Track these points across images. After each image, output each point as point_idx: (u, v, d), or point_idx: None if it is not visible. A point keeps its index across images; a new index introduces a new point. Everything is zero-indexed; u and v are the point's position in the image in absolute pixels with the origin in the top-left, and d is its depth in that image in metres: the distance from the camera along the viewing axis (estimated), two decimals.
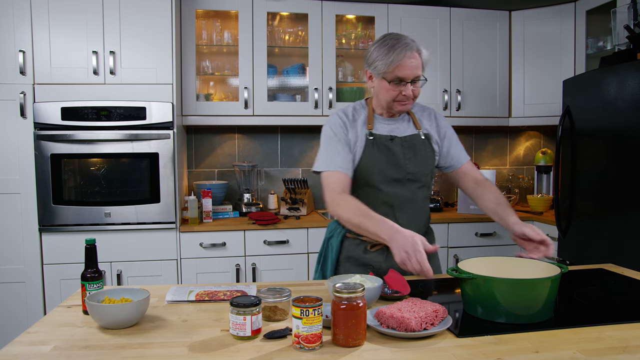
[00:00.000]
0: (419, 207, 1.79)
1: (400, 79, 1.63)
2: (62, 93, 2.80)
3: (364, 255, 1.77)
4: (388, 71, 1.63)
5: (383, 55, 1.62)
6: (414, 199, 1.76)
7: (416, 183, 1.76)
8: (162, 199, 2.89)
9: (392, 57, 1.60)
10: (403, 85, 1.64)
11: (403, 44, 1.61)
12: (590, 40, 3.26)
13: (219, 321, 1.30)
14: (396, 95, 1.66)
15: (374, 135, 1.74)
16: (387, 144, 1.72)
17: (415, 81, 1.65)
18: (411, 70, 1.62)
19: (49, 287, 2.83)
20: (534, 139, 4.00)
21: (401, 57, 1.60)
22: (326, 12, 3.31)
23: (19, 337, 1.20)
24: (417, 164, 1.74)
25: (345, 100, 3.41)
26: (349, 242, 1.81)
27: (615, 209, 2.52)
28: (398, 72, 1.62)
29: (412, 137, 1.76)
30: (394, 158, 1.72)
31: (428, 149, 1.78)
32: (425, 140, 1.78)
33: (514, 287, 1.25)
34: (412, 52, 1.62)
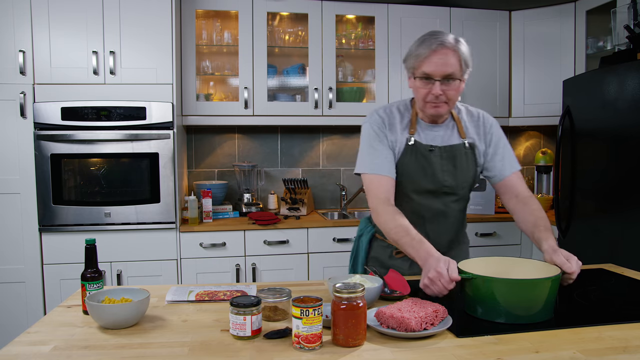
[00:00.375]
0: (451, 220, 1.70)
1: (427, 75, 1.51)
2: (62, 93, 2.80)
3: (388, 260, 1.76)
4: (416, 66, 1.53)
5: (414, 49, 1.53)
6: (446, 212, 1.68)
7: (452, 196, 1.67)
8: (162, 199, 2.89)
9: (420, 50, 1.50)
10: (431, 83, 1.51)
11: (435, 38, 1.49)
12: (590, 40, 3.26)
13: (219, 321, 1.30)
14: (425, 95, 1.53)
15: (415, 142, 1.62)
16: (425, 154, 1.62)
17: (447, 81, 1.51)
18: (438, 66, 1.48)
19: (49, 287, 2.83)
20: (534, 139, 4.00)
21: (428, 52, 1.48)
22: (326, 12, 3.31)
23: (19, 337, 1.20)
24: (455, 176, 1.63)
25: (345, 100, 3.41)
26: (377, 243, 1.80)
27: (615, 209, 2.52)
28: (425, 67, 1.50)
29: (454, 147, 1.64)
30: (431, 169, 1.62)
31: (470, 161, 1.66)
32: (469, 151, 1.66)
33: (514, 287, 1.24)
34: (444, 48, 1.48)
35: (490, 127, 1.71)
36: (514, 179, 1.69)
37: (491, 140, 1.70)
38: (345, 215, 3.52)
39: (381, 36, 3.38)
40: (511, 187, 1.69)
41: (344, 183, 3.71)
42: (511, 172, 1.69)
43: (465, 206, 1.76)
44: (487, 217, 3.28)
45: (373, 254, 1.80)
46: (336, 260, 3.08)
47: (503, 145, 1.71)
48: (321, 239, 3.08)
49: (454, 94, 1.54)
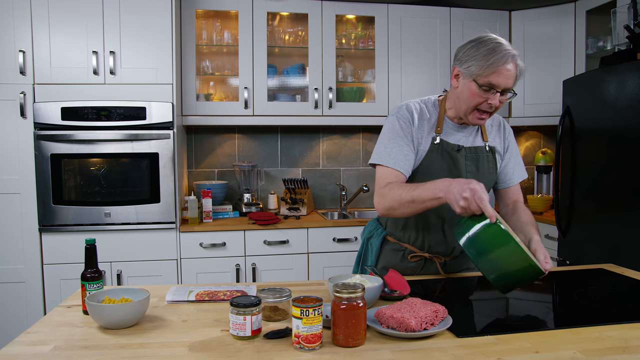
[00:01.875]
0: None
1: (492, 86, 1.50)
2: (62, 93, 2.80)
3: (401, 264, 1.72)
4: (483, 74, 1.49)
5: (482, 56, 1.48)
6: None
7: None
8: (162, 199, 2.89)
9: (492, 60, 1.47)
10: (492, 93, 1.51)
11: (506, 51, 1.48)
12: (590, 40, 3.26)
13: (219, 321, 1.30)
14: (481, 103, 1.53)
15: (442, 141, 1.62)
16: (452, 154, 1.62)
17: (504, 92, 1.52)
18: (506, 79, 1.48)
19: (49, 287, 2.83)
20: (534, 139, 4.00)
21: (501, 64, 1.47)
22: (326, 12, 3.31)
23: (19, 337, 1.20)
24: (478, 177, 1.62)
25: (345, 100, 3.41)
26: (389, 245, 1.75)
27: (615, 209, 2.52)
28: (493, 78, 1.48)
29: (477, 149, 1.66)
30: (457, 170, 1.62)
31: (491, 163, 1.68)
32: (490, 154, 1.68)
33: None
34: (513, 61, 1.49)
35: (509, 133, 1.75)
36: (516, 187, 1.75)
37: (508, 147, 1.73)
38: (345, 215, 3.52)
39: (381, 36, 3.38)
40: (512, 194, 1.75)
41: (344, 183, 3.71)
42: (517, 182, 1.75)
43: None
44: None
45: (384, 257, 1.75)
46: (336, 260, 3.08)
47: (515, 153, 1.75)
48: (321, 239, 3.08)
49: (502, 105, 1.55)
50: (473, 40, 1.54)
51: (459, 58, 1.56)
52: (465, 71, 1.53)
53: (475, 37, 1.54)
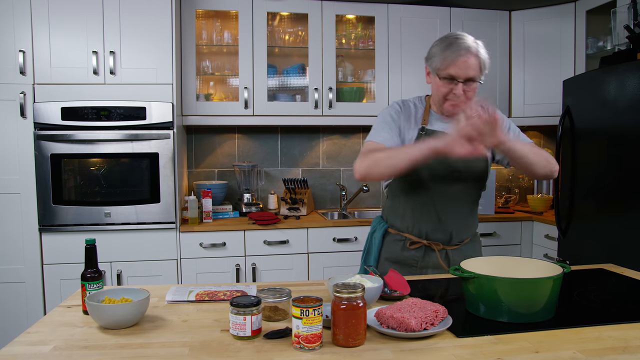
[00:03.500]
0: (463, 208, 1.77)
1: (452, 77, 1.62)
2: (62, 93, 2.80)
3: (402, 253, 1.78)
4: (442, 68, 1.63)
5: (440, 51, 1.63)
6: (458, 198, 1.75)
7: (462, 182, 1.74)
8: (162, 199, 2.89)
9: (447, 54, 1.61)
10: (455, 84, 1.63)
11: (461, 43, 1.61)
12: (590, 40, 3.26)
13: (219, 321, 1.30)
14: (447, 93, 1.66)
15: (427, 130, 1.72)
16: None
17: (468, 82, 1.63)
18: (464, 70, 1.60)
19: (49, 287, 2.83)
20: (534, 139, 4.00)
21: (456, 56, 1.60)
22: (326, 12, 3.31)
23: (19, 337, 1.20)
24: (464, 163, 1.70)
25: (345, 100, 3.41)
26: (390, 237, 1.82)
27: (615, 209, 2.52)
28: (451, 70, 1.61)
29: None
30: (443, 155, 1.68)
31: None
32: None
33: (517, 286, 1.25)
34: (469, 53, 1.60)
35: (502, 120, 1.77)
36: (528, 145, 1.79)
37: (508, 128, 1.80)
38: (345, 215, 3.52)
39: (381, 36, 3.38)
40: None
41: (344, 183, 3.71)
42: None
43: (476, 199, 1.83)
44: (487, 217, 3.28)
45: (386, 248, 1.82)
46: (336, 260, 3.08)
47: (516, 130, 1.83)
48: (321, 239, 3.08)
49: (472, 94, 1.66)
50: (438, 40, 1.68)
51: (427, 56, 1.71)
52: (430, 67, 1.69)
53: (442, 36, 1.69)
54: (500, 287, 1.25)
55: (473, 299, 1.32)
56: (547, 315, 1.28)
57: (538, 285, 1.26)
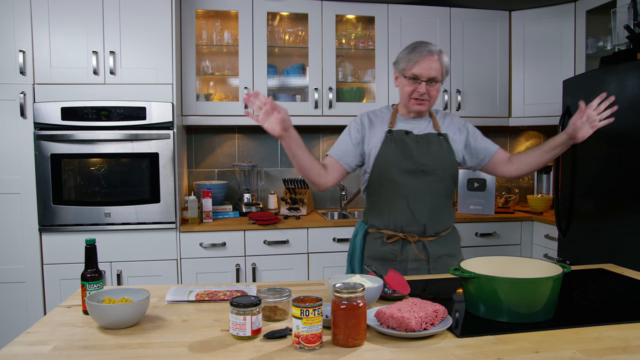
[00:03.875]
0: (434, 200, 1.86)
1: (416, 76, 1.79)
2: (62, 93, 2.80)
3: (381, 248, 1.88)
4: (407, 68, 1.80)
5: (405, 54, 1.82)
6: (428, 191, 1.85)
7: (431, 176, 1.84)
8: (162, 199, 2.89)
9: (411, 55, 1.79)
10: (418, 83, 1.79)
11: (424, 47, 1.80)
12: (590, 40, 3.26)
13: (219, 321, 1.30)
14: (412, 92, 1.82)
15: (392, 131, 1.88)
16: (402, 138, 1.85)
17: (431, 82, 1.80)
18: (426, 70, 1.78)
19: (49, 287, 2.83)
20: (534, 139, 4.00)
21: (419, 57, 1.78)
22: (326, 12, 3.31)
23: (19, 337, 1.20)
24: (430, 157, 1.84)
25: (345, 100, 3.41)
26: (370, 236, 1.93)
27: (615, 209, 2.52)
28: (415, 69, 1.78)
29: (428, 135, 1.88)
30: (408, 151, 1.83)
31: (444, 147, 1.88)
32: (442, 139, 1.88)
33: (517, 286, 1.25)
34: (432, 55, 1.78)
35: (465, 123, 1.98)
36: (500, 151, 1.97)
37: (468, 131, 1.95)
38: (345, 215, 3.52)
39: (381, 36, 3.38)
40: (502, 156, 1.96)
41: (344, 183, 3.71)
42: (497, 148, 1.96)
43: (448, 192, 1.91)
44: (487, 217, 3.28)
45: (367, 247, 1.93)
46: (336, 260, 3.08)
47: (479, 134, 1.97)
48: (321, 239, 3.08)
49: (435, 94, 1.83)
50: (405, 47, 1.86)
51: (394, 62, 1.89)
52: (397, 70, 1.86)
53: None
54: (500, 287, 1.26)
55: (473, 299, 1.32)
56: (547, 315, 1.28)
57: (538, 285, 1.26)
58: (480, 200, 3.36)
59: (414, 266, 1.85)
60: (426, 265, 1.86)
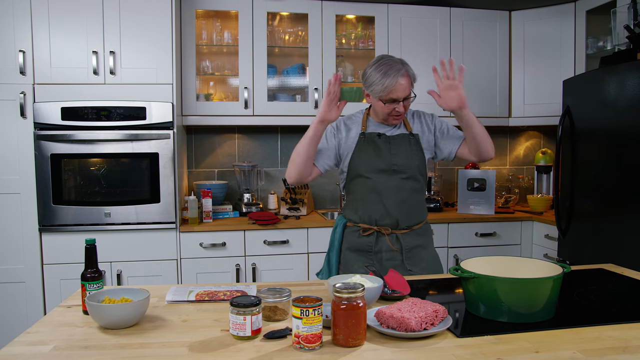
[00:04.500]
0: (406, 196, 1.96)
1: (393, 100, 1.87)
2: (62, 93, 2.80)
3: (357, 240, 1.98)
4: (383, 94, 1.86)
5: (378, 80, 1.86)
6: (400, 187, 1.95)
7: (402, 174, 1.95)
8: (162, 199, 2.89)
9: (386, 83, 1.84)
10: (397, 104, 1.88)
11: (395, 71, 1.84)
12: (590, 40, 3.26)
13: (219, 321, 1.30)
14: (390, 111, 1.91)
15: (365, 134, 1.99)
16: (374, 140, 1.97)
17: (406, 99, 1.89)
18: (402, 92, 1.85)
19: (49, 287, 2.83)
20: (534, 139, 4.00)
21: (394, 83, 1.83)
22: (326, 12, 3.31)
23: (19, 337, 1.20)
24: (401, 157, 1.95)
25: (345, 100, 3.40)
26: (348, 229, 2.02)
27: (615, 209, 2.52)
28: (392, 94, 1.86)
29: (399, 136, 1.98)
30: (380, 151, 1.95)
31: (414, 147, 1.98)
32: (413, 139, 1.99)
33: (517, 286, 1.25)
34: (403, 77, 1.84)
35: (432, 118, 2.07)
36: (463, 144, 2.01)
37: (435, 127, 2.04)
38: None
39: (381, 36, 3.38)
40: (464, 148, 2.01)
41: None
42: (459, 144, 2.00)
43: (420, 189, 2.01)
44: (487, 217, 3.28)
45: (345, 239, 2.03)
46: None
47: (446, 126, 2.05)
48: (321, 239, 3.08)
49: (409, 105, 1.93)
50: (372, 65, 1.90)
51: (365, 82, 1.93)
52: (371, 92, 1.91)
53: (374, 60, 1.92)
54: (500, 287, 1.26)
55: (473, 299, 1.32)
56: (547, 315, 1.28)
57: (538, 285, 1.26)
58: (480, 200, 3.36)
59: (388, 256, 1.95)
60: (400, 256, 1.95)
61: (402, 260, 1.95)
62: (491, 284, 1.26)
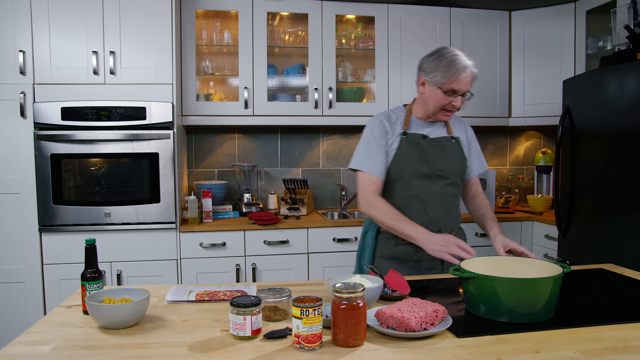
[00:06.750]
0: (448, 203, 1.91)
1: (454, 91, 1.79)
2: (62, 93, 2.80)
3: (395, 249, 1.89)
4: (446, 83, 1.78)
5: (444, 67, 1.78)
6: (443, 194, 1.89)
7: (445, 180, 1.89)
8: (162, 199, 2.89)
9: (452, 70, 1.76)
10: (455, 97, 1.81)
11: (463, 61, 1.78)
12: (590, 40, 3.26)
13: (219, 321, 1.30)
14: (446, 104, 1.83)
15: (408, 134, 1.89)
16: (419, 142, 1.88)
17: (464, 94, 1.82)
18: (465, 85, 1.79)
19: (49, 287, 2.83)
20: (534, 139, 4.00)
21: (460, 72, 1.76)
22: (326, 12, 3.31)
23: (19, 337, 1.20)
24: (446, 161, 1.89)
25: (345, 100, 3.41)
26: (382, 236, 1.93)
27: (615, 209, 2.52)
28: (455, 85, 1.78)
29: (442, 138, 1.92)
30: (425, 155, 1.87)
31: (457, 151, 1.93)
32: (455, 143, 1.94)
33: (517, 286, 1.25)
34: (469, 70, 1.78)
35: (468, 129, 2.03)
36: (476, 179, 2.06)
37: (468, 137, 2.01)
38: (345, 215, 3.52)
39: (381, 36, 3.38)
40: (472, 186, 2.05)
41: (344, 183, 3.71)
42: (477, 174, 2.03)
43: (458, 195, 1.98)
44: None
45: (380, 247, 1.92)
46: (336, 260, 3.08)
47: (476, 148, 2.03)
48: (321, 239, 3.08)
49: (463, 104, 1.87)
50: (434, 53, 1.83)
51: (424, 69, 1.85)
52: (430, 80, 1.82)
53: (435, 50, 1.85)
54: (500, 287, 1.26)
55: (473, 299, 1.32)
56: (547, 315, 1.28)
57: (538, 285, 1.26)
58: None
59: (428, 266, 1.88)
60: (440, 265, 1.88)
61: (442, 269, 1.89)
62: (491, 284, 1.26)
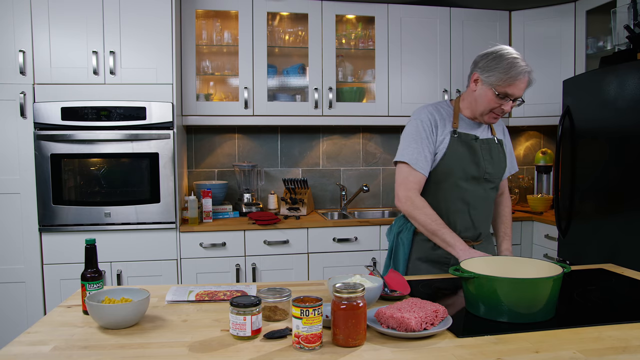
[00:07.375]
0: (489, 207, 1.90)
1: (507, 95, 1.72)
2: (62, 93, 2.80)
3: (432, 252, 1.84)
4: (501, 85, 1.71)
5: (503, 69, 1.70)
6: (487, 198, 1.87)
7: (490, 183, 1.86)
8: (162, 199, 2.89)
9: (511, 73, 1.69)
10: (506, 101, 1.73)
11: (522, 67, 1.70)
12: (590, 40, 3.26)
13: (219, 321, 1.30)
14: (496, 108, 1.75)
15: (459, 133, 1.82)
16: (470, 143, 1.82)
17: (515, 100, 1.75)
18: (519, 90, 1.72)
19: (49, 287, 2.83)
20: (534, 139, 4.00)
21: (519, 76, 1.70)
22: (326, 12, 3.31)
23: (19, 337, 1.20)
24: (493, 165, 1.85)
25: (345, 100, 3.41)
26: (419, 237, 1.87)
27: (615, 209, 2.52)
28: (510, 89, 1.71)
29: (489, 140, 1.87)
30: (476, 157, 1.82)
31: (501, 153, 1.90)
32: (499, 145, 1.90)
33: (516, 286, 1.25)
34: (528, 75, 1.72)
35: (506, 132, 2.00)
36: (505, 181, 2.04)
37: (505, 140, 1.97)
38: (345, 215, 3.52)
39: (381, 36, 3.38)
40: (501, 187, 2.02)
41: (344, 183, 3.71)
42: (509, 174, 2.00)
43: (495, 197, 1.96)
44: None
45: (416, 248, 1.87)
46: (336, 260, 3.08)
47: (510, 150, 1.98)
48: (321, 239, 3.08)
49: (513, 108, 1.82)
50: (493, 52, 1.74)
51: (480, 66, 1.75)
52: (485, 79, 1.74)
53: (495, 49, 1.75)
54: (500, 287, 1.26)
55: (473, 299, 1.32)
56: (547, 315, 1.28)
57: (538, 285, 1.26)
58: None
59: None
60: None
61: None
62: (491, 284, 1.26)
